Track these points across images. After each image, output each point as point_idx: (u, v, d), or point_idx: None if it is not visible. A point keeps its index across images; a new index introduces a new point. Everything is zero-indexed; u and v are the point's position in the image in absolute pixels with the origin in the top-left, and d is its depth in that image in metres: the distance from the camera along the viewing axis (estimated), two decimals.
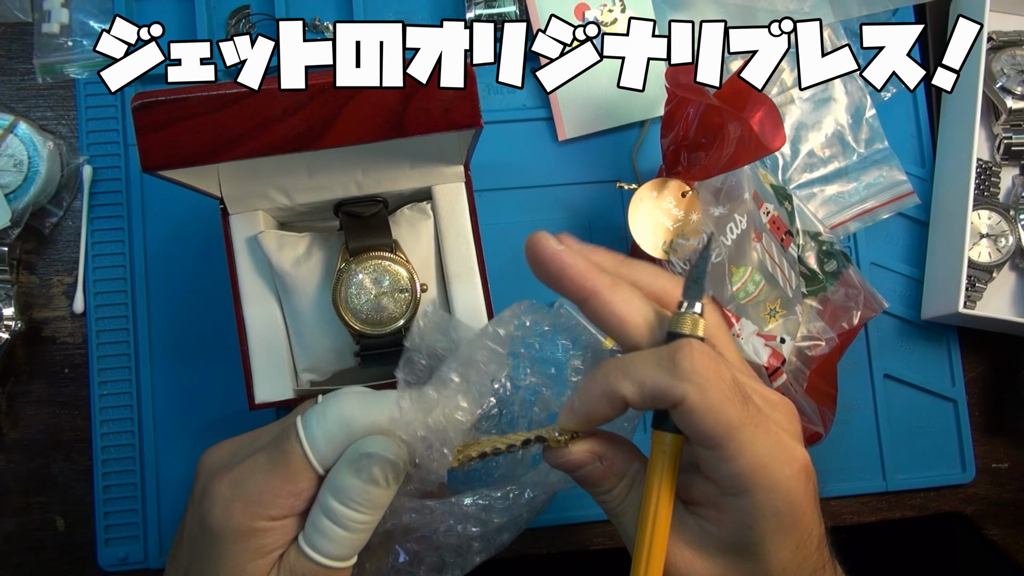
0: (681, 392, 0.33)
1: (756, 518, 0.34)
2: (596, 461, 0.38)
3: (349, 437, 0.39)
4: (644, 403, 0.34)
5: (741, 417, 0.33)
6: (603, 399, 0.35)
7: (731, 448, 0.33)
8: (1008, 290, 0.65)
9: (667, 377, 0.33)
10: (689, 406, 0.33)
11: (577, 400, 0.36)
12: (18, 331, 0.57)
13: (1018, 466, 0.64)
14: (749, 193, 0.55)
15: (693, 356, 0.33)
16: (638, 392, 0.34)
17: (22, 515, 0.58)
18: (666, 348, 0.34)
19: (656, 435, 0.36)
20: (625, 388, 0.34)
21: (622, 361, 0.35)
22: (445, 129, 0.41)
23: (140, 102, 0.39)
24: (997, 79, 0.64)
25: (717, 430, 0.33)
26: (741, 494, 0.34)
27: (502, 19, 0.62)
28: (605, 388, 0.35)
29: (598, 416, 0.36)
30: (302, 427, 0.39)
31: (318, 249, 0.51)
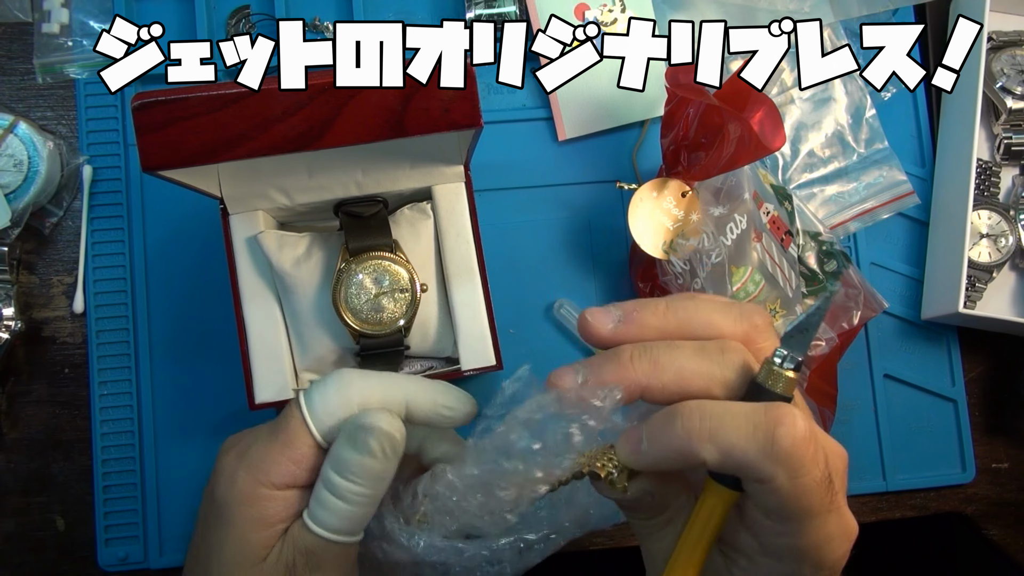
0: (771, 473, 0.30)
1: None
2: (649, 495, 0.35)
3: (346, 404, 0.40)
4: (724, 470, 0.31)
5: (821, 503, 0.31)
6: (677, 455, 0.32)
7: (799, 528, 0.31)
8: (1008, 290, 0.65)
9: (760, 454, 0.30)
10: (775, 488, 0.30)
11: (647, 443, 0.33)
12: (18, 331, 0.57)
13: (1018, 466, 0.64)
14: (749, 193, 0.55)
15: (795, 435, 0.30)
16: (720, 460, 0.31)
17: (22, 515, 0.58)
18: (763, 416, 0.30)
19: (714, 486, 0.34)
20: (708, 452, 0.31)
21: (709, 418, 0.31)
22: (445, 129, 0.41)
23: (140, 102, 0.39)
24: (997, 79, 0.64)
25: (795, 515, 0.31)
26: (787, 562, 0.33)
27: (502, 19, 0.62)
28: (683, 446, 0.31)
29: (664, 467, 0.33)
30: (302, 396, 0.41)
31: (318, 249, 0.51)
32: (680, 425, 0.32)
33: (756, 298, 0.55)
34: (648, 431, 0.33)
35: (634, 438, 0.33)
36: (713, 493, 0.34)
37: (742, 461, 0.30)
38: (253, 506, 0.39)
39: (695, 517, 0.34)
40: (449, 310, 0.52)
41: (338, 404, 0.40)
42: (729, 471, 0.31)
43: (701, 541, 0.34)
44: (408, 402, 0.41)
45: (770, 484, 0.30)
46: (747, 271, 0.54)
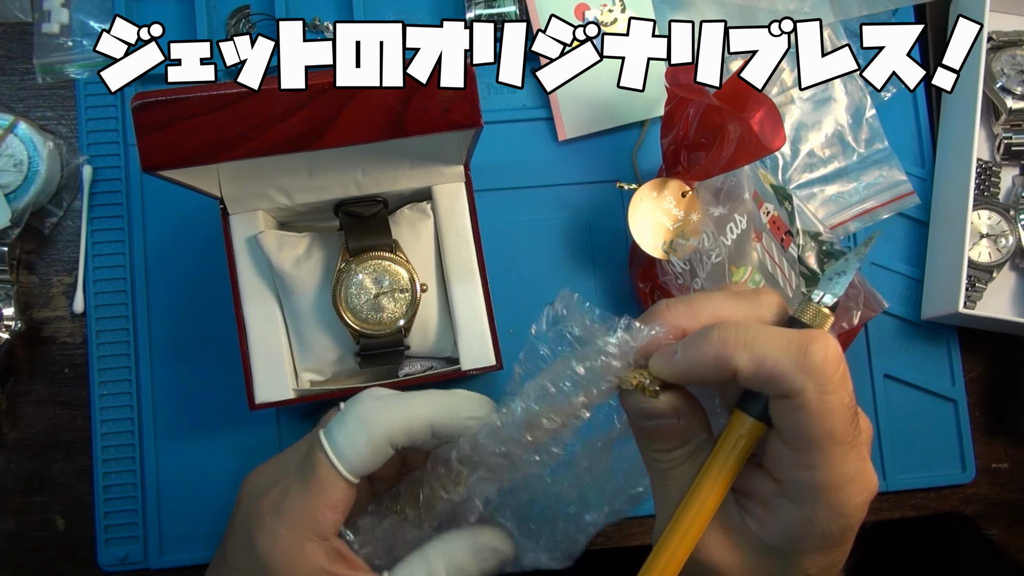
0: (801, 385, 0.30)
1: (808, 532, 0.33)
2: (675, 418, 0.34)
3: (371, 441, 0.39)
4: (754, 382, 0.32)
5: (845, 432, 0.31)
6: (712, 363, 0.32)
7: (821, 459, 0.31)
8: (1008, 290, 0.65)
9: (792, 364, 0.30)
10: (803, 402, 0.30)
11: (681, 352, 0.33)
12: (18, 331, 0.57)
13: (1018, 466, 0.64)
14: (749, 193, 0.55)
15: (827, 352, 0.30)
16: (754, 369, 0.31)
17: (22, 515, 0.58)
18: (798, 333, 0.31)
19: (739, 416, 0.34)
20: (741, 360, 0.31)
21: (745, 330, 0.32)
22: (445, 129, 0.41)
23: (140, 102, 0.39)
24: (997, 79, 0.64)
25: (819, 437, 0.31)
26: (804, 504, 0.32)
27: (502, 19, 0.62)
28: (719, 353, 0.32)
29: (698, 377, 0.33)
30: (325, 439, 0.40)
31: (318, 249, 0.51)
32: (717, 334, 0.32)
33: None
34: (684, 343, 0.33)
35: (668, 351, 0.34)
36: (739, 424, 0.34)
37: (774, 371, 0.31)
38: (299, 561, 0.39)
39: (718, 449, 0.34)
40: (449, 310, 0.52)
41: (364, 442, 0.39)
42: (759, 383, 0.31)
43: (722, 473, 0.34)
44: (432, 423, 0.41)
45: (798, 398, 0.30)
46: (747, 271, 0.54)
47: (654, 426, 0.35)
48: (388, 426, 0.40)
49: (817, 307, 0.33)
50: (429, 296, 0.52)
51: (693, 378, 0.34)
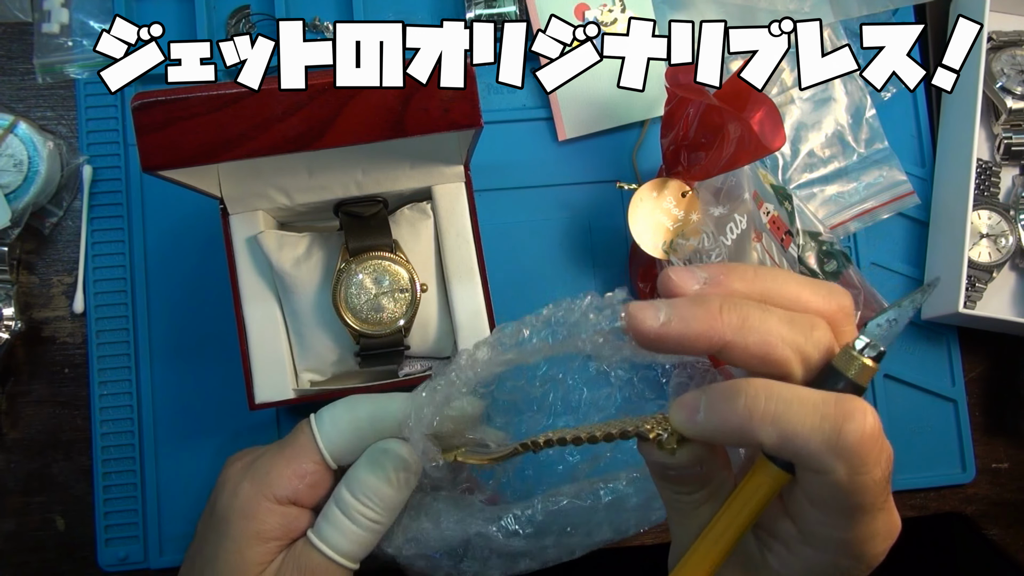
0: (831, 467, 0.28)
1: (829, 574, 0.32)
2: (697, 467, 0.33)
3: (355, 423, 0.41)
4: (780, 455, 0.30)
5: (875, 503, 0.29)
6: (736, 432, 0.30)
7: (849, 524, 0.30)
8: (1008, 290, 0.65)
9: (823, 445, 0.28)
10: (831, 481, 0.28)
11: (704, 413, 0.31)
12: (18, 331, 0.57)
13: (1018, 466, 0.64)
14: (749, 193, 0.55)
15: (863, 432, 0.28)
16: (779, 445, 0.29)
17: (22, 515, 0.58)
18: (832, 407, 0.28)
19: (764, 464, 0.32)
20: (766, 435, 0.29)
21: (775, 400, 0.29)
22: (445, 129, 0.41)
23: (140, 102, 0.39)
24: (997, 79, 0.64)
25: (846, 510, 0.29)
26: (827, 553, 0.31)
27: (502, 19, 0.62)
28: (742, 424, 0.29)
29: (718, 441, 0.32)
30: (313, 416, 0.42)
31: (318, 249, 0.51)
32: (743, 403, 0.29)
33: None
34: (707, 401, 0.31)
35: (690, 405, 0.31)
36: (763, 472, 0.32)
37: (802, 450, 0.28)
38: (253, 519, 0.40)
39: (738, 493, 0.33)
40: (449, 310, 0.52)
41: (348, 422, 0.41)
42: (786, 456, 0.30)
43: (739, 517, 0.32)
44: None
45: (828, 477, 0.28)
46: None
47: (674, 475, 0.33)
48: (373, 412, 0.41)
49: (862, 360, 0.30)
50: (429, 296, 0.52)
51: (715, 441, 0.32)
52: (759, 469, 0.32)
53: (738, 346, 0.30)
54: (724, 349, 0.31)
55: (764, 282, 0.32)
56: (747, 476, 0.33)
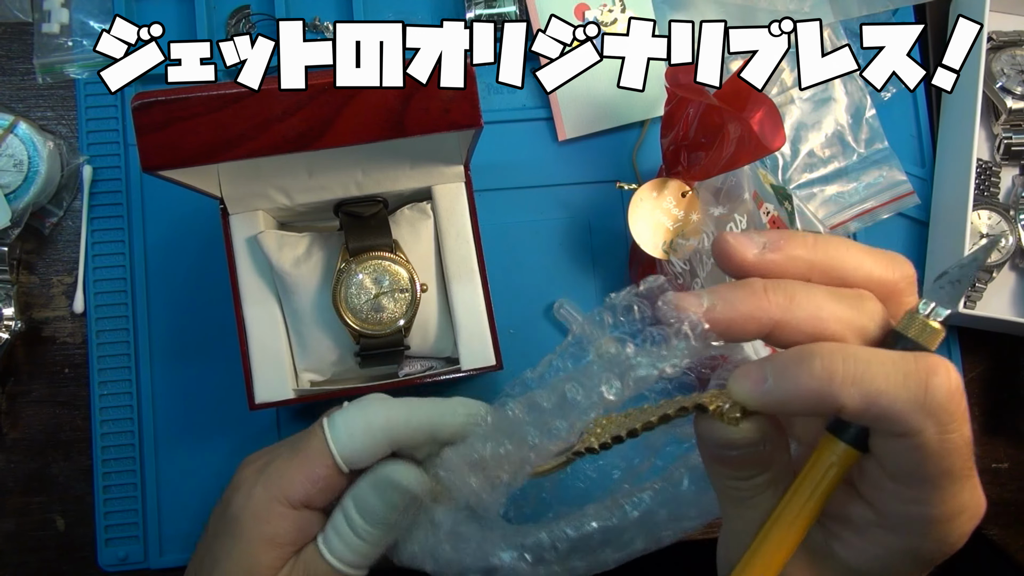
0: (920, 426, 0.26)
1: (908, 561, 0.29)
2: (760, 446, 0.30)
3: (368, 428, 0.40)
4: (863, 419, 0.27)
5: (963, 468, 0.27)
6: (813, 398, 0.27)
7: (935, 496, 0.27)
8: (1008, 290, 0.65)
9: (912, 403, 0.26)
10: (920, 443, 0.26)
11: (773, 380, 0.28)
12: (18, 331, 0.57)
13: (1018, 466, 0.64)
14: (749, 193, 0.55)
15: (950, 386, 0.26)
16: (863, 407, 0.26)
17: (22, 515, 0.58)
18: (915, 361, 0.27)
19: (830, 442, 0.30)
20: (849, 397, 0.26)
21: (854, 360, 0.27)
22: (445, 129, 0.41)
23: (140, 102, 0.39)
24: (997, 79, 0.64)
25: (935, 475, 0.27)
26: (908, 536, 0.29)
27: (502, 19, 0.62)
28: (821, 387, 0.27)
29: (792, 411, 0.30)
30: (326, 419, 0.41)
31: (318, 249, 0.51)
32: (819, 364, 0.27)
33: None
34: (775, 368, 0.28)
35: (755, 374, 0.29)
36: (830, 451, 0.29)
37: (889, 410, 0.26)
38: (266, 523, 0.40)
39: (804, 477, 0.30)
40: (449, 310, 0.52)
41: (361, 427, 0.40)
42: (869, 420, 0.27)
43: (810, 503, 0.30)
44: (432, 422, 0.41)
45: (916, 439, 0.26)
46: None
47: (735, 456, 0.30)
48: (388, 418, 0.40)
49: (926, 322, 0.29)
50: (429, 296, 0.52)
51: (785, 411, 0.30)
52: (825, 449, 0.30)
53: (789, 325, 0.29)
54: (775, 330, 0.29)
55: (826, 249, 0.30)
56: (811, 459, 0.30)
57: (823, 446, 0.30)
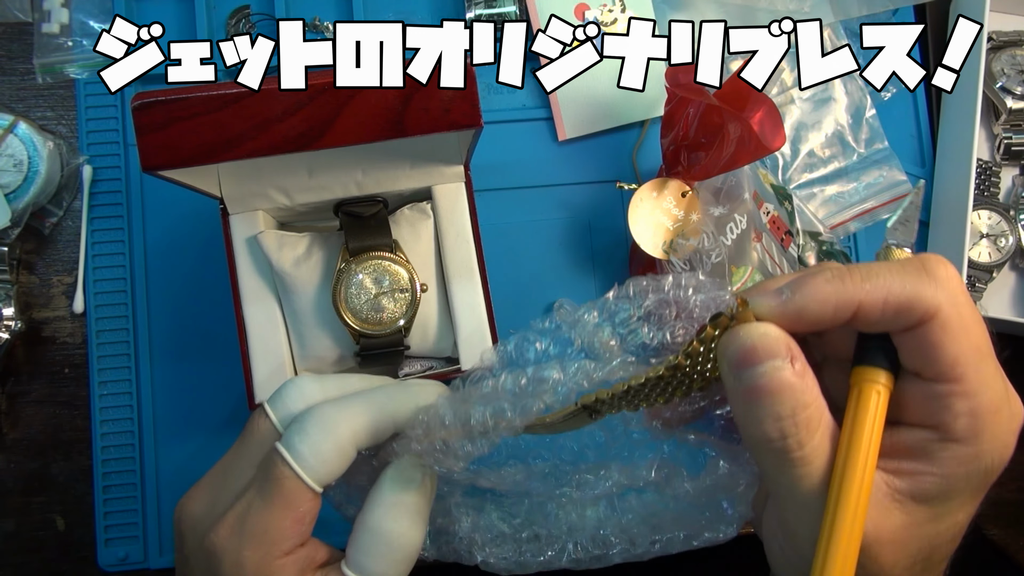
0: (936, 303, 0.27)
1: (970, 471, 0.29)
2: (789, 359, 0.29)
3: (338, 448, 0.37)
4: (883, 315, 0.28)
5: (987, 343, 0.29)
6: (828, 302, 0.28)
7: (975, 381, 0.28)
8: (1008, 290, 0.65)
9: (919, 285, 0.28)
10: (942, 321, 0.27)
11: (792, 290, 0.29)
12: (18, 331, 0.57)
13: (1018, 466, 0.64)
14: (749, 193, 0.55)
15: (947, 264, 0.28)
16: (881, 302, 0.28)
17: (22, 515, 0.58)
18: (910, 260, 0.29)
19: (864, 372, 0.30)
20: (866, 293, 0.28)
21: (859, 266, 0.29)
22: (445, 129, 0.41)
23: (140, 102, 0.39)
24: (997, 79, 0.64)
25: (967, 353, 0.28)
26: (967, 441, 0.28)
27: (502, 19, 0.62)
28: (838, 291, 0.28)
29: (809, 320, 0.29)
30: (286, 451, 0.36)
31: (318, 249, 0.51)
32: (831, 272, 0.29)
33: None
34: (792, 283, 0.29)
35: (773, 289, 0.29)
36: (870, 378, 0.30)
37: (903, 297, 0.28)
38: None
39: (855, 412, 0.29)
40: (449, 310, 0.52)
41: (330, 449, 0.36)
42: (889, 315, 0.28)
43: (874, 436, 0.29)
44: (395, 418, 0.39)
45: (936, 319, 0.28)
46: (747, 271, 0.54)
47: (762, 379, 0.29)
48: (353, 429, 0.37)
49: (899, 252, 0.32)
50: (429, 296, 0.52)
51: (803, 321, 0.29)
52: (864, 381, 0.30)
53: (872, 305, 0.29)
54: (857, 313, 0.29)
55: None
56: (853, 396, 0.30)
57: (861, 378, 0.30)
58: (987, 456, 0.29)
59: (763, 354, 0.29)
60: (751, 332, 0.29)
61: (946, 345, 0.28)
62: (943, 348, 0.28)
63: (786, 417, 0.28)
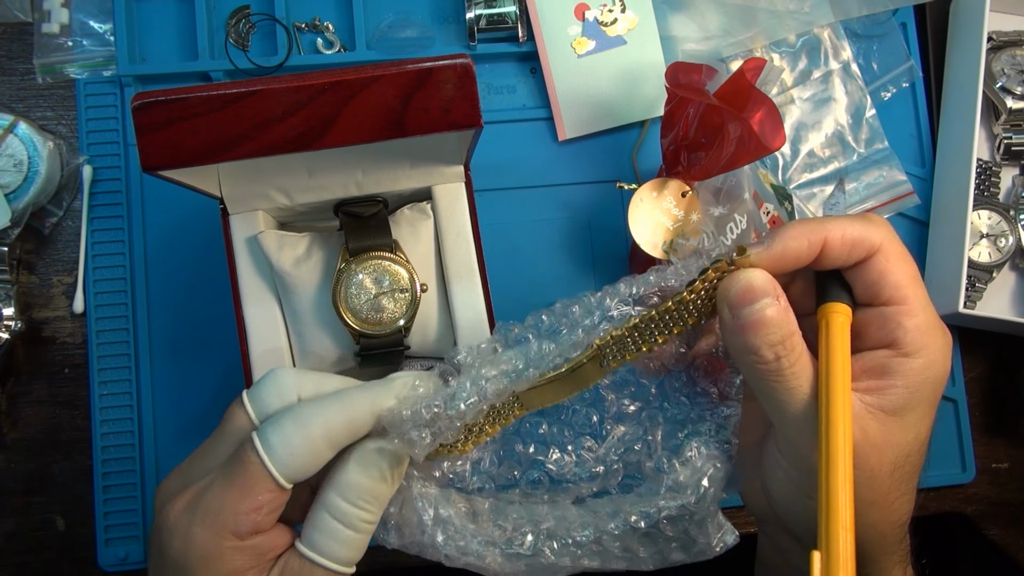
0: (879, 238, 0.35)
1: (923, 381, 0.35)
2: (776, 297, 0.36)
3: (309, 444, 0.37)
4: (841, 251, 0.36)
5: (919, 275, 0.36)
6: (802, 239, 0.36)
7: (916, 302, 0.35)
8: (1008, 290, 0.65)
9: (867, 226, 0.36)
10: (885, 252, 0.35)
11: (774, 238, 0.36)
12: (18, 331, 0.57)
13: (1018, 466, 0.64)
14: (749, 193, 0.55)
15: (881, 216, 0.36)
16: (840, 235, 0.35)
17: (22, 515, 0.58)
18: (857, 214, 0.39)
19: (830, 307, 0.37)
20: (831, 232, 0.35)
21: (818, 218, 0.37)
22: (445, 129, 0.41)
23: (140, 102, 0.39)
24: (997, 79, 0.64)
25: (907, 279, 0.35)
26: (917, 353, 0.35)
27: (502, 19, 0.62)
28: (809, 229, 0.36)
29: (790, 257, 0.36)
30: (259, 441, 0.37)
31: (318, 249, 0.51)
32: (801, 221, 0.36)
33: None
34: (774, 233, 0.36)
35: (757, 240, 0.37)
36: (835, 311, 0.36)
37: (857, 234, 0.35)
38: (219, 562, 0.36)
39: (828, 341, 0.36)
40: (449, 310, 0.52)
41: (301, 444, 0.37)
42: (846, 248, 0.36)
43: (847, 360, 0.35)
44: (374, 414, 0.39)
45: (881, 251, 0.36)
46: None
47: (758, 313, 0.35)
48: (327, 427, 0.37)
49: None
50: (429, 296, 0.52)
51: (787, 259, 0.36)
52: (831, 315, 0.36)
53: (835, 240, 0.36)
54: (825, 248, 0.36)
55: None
56: (823, 329, 0.36)
57: (828, 312, 0.37)
58: (934, 367, 0.36)
59: (759, 293, 0.36)
60: (747, 275, 0.36)
61: (891, 272, 0.36)
62: (889, 274, 0.36)
63: (778, 343, 0.35)
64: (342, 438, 0.38)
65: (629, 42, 0.62)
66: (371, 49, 0.60)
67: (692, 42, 0.63)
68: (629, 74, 0.62)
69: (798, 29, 0.64)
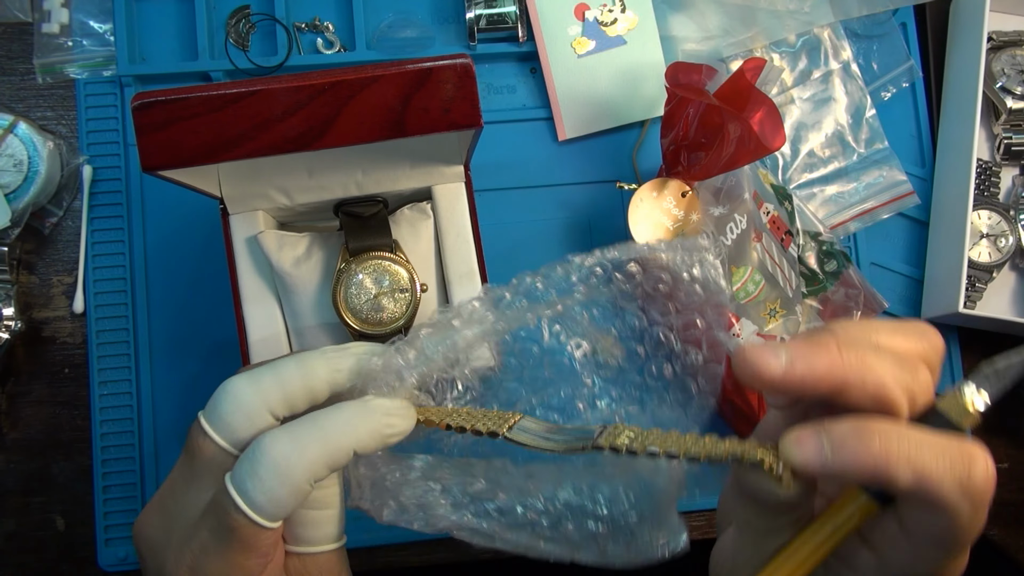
0: (959, 508, 0.28)
1: None
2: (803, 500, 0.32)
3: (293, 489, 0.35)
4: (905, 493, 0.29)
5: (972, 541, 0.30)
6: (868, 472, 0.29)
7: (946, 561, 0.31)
8: (1008, 290, 0.65)
9: (956, 487, 0.28)
10: (954, 522, 0.29)
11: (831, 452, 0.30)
12: (18, 331, 0.57)
13: (1018, 466, 0.64)
14: (749, 193, 0.55)
15: (988, 475, 0.29)
16: (912, 484, 0.28)
17: (22, 515, 0.58)
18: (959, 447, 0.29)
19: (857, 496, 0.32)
20: (903, 475, 0.28)
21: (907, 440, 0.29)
22: (445, 129, 0.41)
23: (140, 102, 0.39)
24: (997, 79, 0.64)
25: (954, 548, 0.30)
26: None
27: (502, 19, 0.62)
28: (878, 464, 0.29)
29: (844, 478, 0.31)
30: (238, 496, 0.34)
31: (318, 249, 0.51)
32: (878, 443, 0.29)
33: (756, 298, 0.55)
34: (834, 441, 0.30)
35: (811, 443, 0.30)
36: (855, 502, 0.32)
37: (936, 491, 0.28)
38: None
39: (825, 520, 0.32)
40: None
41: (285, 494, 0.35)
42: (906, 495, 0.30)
43: (825, 546, 0.32)
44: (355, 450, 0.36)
45: (951, 517, 0.29)
46: (747, 271, 0.54)
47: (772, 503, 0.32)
48: (310, 469, 0.35)
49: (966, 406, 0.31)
50: (429, 296, 0.52)
51: (837, 478, 0.32)
52: (850, 499, 0.32)
53: (856, 386, 0.30)
54: (842, 389, 0.30)
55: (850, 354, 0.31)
56: (835, 505, 0.32)
57: (849, 497, 0.32)
58: None
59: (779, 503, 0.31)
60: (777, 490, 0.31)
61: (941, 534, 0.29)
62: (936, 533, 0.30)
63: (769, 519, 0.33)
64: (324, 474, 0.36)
65: (629, 42, 0.62)
66: (371, 49, 0.60)
67: (692, 42, 0.63)
68: (629, 74, 0.62)
69: (798, 29, 0.64)
